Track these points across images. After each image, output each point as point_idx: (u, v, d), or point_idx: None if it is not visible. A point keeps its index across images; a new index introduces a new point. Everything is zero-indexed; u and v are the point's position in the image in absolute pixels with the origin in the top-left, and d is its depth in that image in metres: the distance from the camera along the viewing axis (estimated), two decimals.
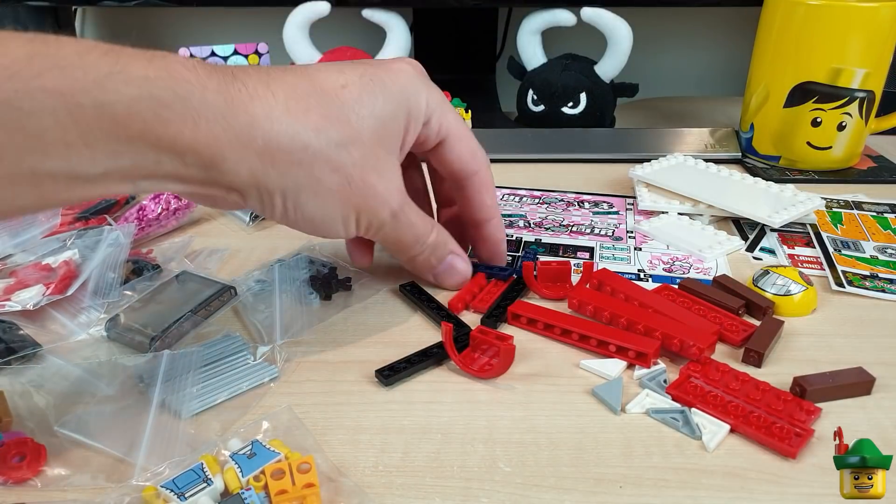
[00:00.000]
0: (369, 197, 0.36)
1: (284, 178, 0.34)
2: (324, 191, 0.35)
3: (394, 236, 0.40)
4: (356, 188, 0.36)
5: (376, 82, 0.36)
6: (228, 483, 0.30)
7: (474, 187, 0.43)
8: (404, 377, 0.37)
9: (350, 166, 0.35)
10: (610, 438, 0.33)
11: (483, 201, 0.43)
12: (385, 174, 0.37)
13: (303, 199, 0.35)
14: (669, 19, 0.92)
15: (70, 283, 0.43)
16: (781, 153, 0.65)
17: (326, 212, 0.36)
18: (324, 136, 0.34)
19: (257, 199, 0.34)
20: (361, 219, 0.37)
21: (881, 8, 0.58)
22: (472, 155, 0.42)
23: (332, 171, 0.35)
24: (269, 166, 0.33)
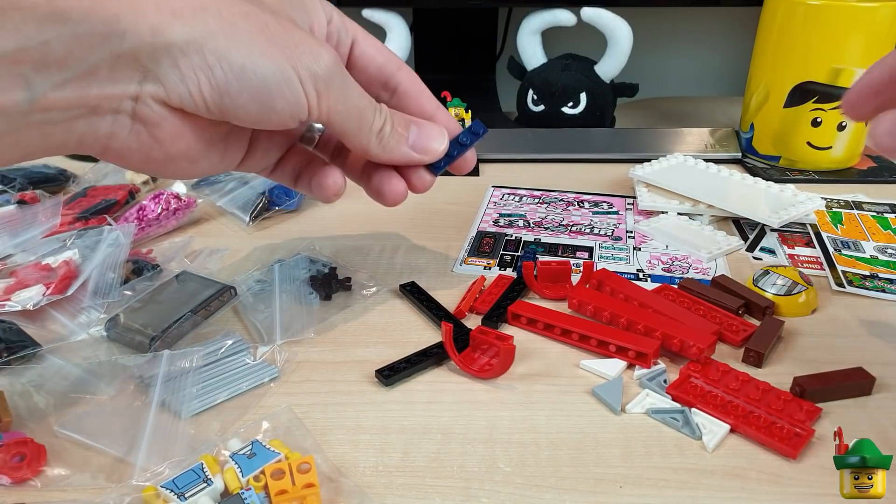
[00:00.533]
0: (298, 42, 0.32)
1: (193, 27, 0.30)
2: (242, 34, 0.31)
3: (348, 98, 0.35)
4: (277, 33, 0.32)
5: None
6: (228, 483, 0.30)
7: (408, 80, 0.40)
8: (404, 377, 0.37)
9: (259, 13, 0.32)
10: (610, 438, 0.33)
11: (422, 90, 0.41)
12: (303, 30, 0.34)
13: (222, 46, 0.30)
14: (669, 19, 0.92)
15: (70, 283, 0.43)
16: (781, 153, 0.65)
17: (257, 62, 0.31)
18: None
19: (172, 66, 0.30)
20: (302, 71, 0.32)
21: (881, 8, 0.58)
22: (390, 51, 0.40)
23: (244, 16, 0.31)
24: (171, 17, 0.29)
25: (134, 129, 0.31)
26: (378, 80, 0.40)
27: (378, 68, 0.40)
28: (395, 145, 0.38)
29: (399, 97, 0.40)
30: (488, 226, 0.55)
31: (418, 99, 0.40)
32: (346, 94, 0.34)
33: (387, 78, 0.40)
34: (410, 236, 0.52)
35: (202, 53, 0.30)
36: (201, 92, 0.31)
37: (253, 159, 0.39)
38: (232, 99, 0.31)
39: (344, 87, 0.34)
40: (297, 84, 0.32)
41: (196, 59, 0.30)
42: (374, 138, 0.37)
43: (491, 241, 0.52)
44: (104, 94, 0.29)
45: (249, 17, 0.31)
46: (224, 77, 0.30)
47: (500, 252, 0.50)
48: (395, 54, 0.40)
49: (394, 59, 0.40)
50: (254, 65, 0.31)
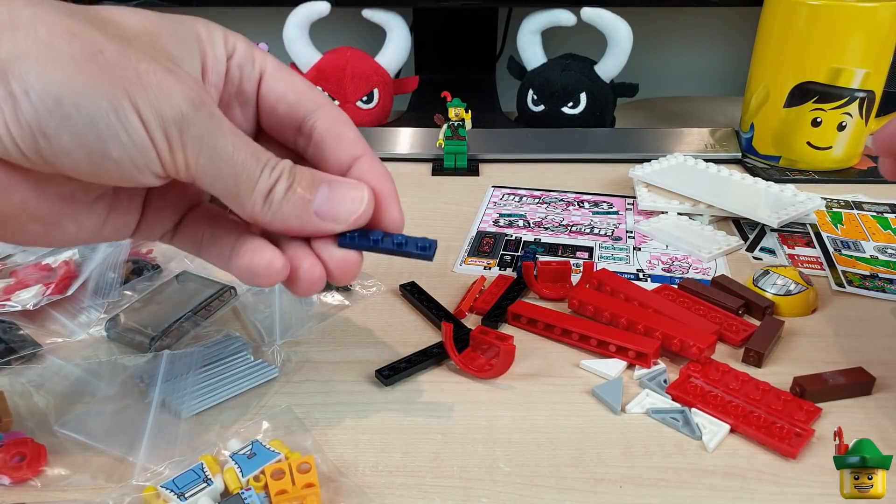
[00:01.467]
0: (143, 72, 0.25)
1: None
2: (61, 58, 0.24)
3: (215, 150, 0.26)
4: (114, 60, 0.24)
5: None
6: (228, 483, 0.30)
7: (325, 121, 0.31)
8: (404, 377, 0.37)
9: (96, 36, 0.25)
10: (610, 438, 0.33)
11: (343, 133, 0.32)
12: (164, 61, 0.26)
13: (31, 69, 0.23)
14: (669, 19, 0.91)
15: (70, 283, 0.43)
16: (781, 153, 0.65)
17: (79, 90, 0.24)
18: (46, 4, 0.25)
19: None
20: (142, 106, 0.24)
21: (881, 8, 0.58)
22: (307, 88, 0.32)
23: (70, 36, 0.24)
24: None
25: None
26: (291, 123, 0.32)
27: (289, 108, 0.31)
28: (293, 211, 0.29)
29: (315, 143, 0.32)
30: (488, 226, 0.55)
31: (336, 145, 0.31)
32: (211, 145, 0.26)
33: (301, 120, 0.31)
34: None
35: (6, 81, 0.23)
36: (8, 131, 0.24)
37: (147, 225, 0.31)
38: (50, 142, 0.24)
39: (209, 136, 0.26)
40: (136, 126, 0.25)
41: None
42: (259, 201, 0.28)
43: (491, 241, 0.52)
44: None
45: (77, 38, 0.24)
46: (34, 111, 0.24)
47: (500, 252, 0.50)
48: (316, 90, 0.32)
49: (311, 95, 0.32)
50: (74, 97, 0.24)
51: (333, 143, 0.31)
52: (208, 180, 0.27)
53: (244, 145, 0.27)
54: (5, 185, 0.25)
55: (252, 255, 0.29)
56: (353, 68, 0.70)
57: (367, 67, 0.70)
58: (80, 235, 0.29)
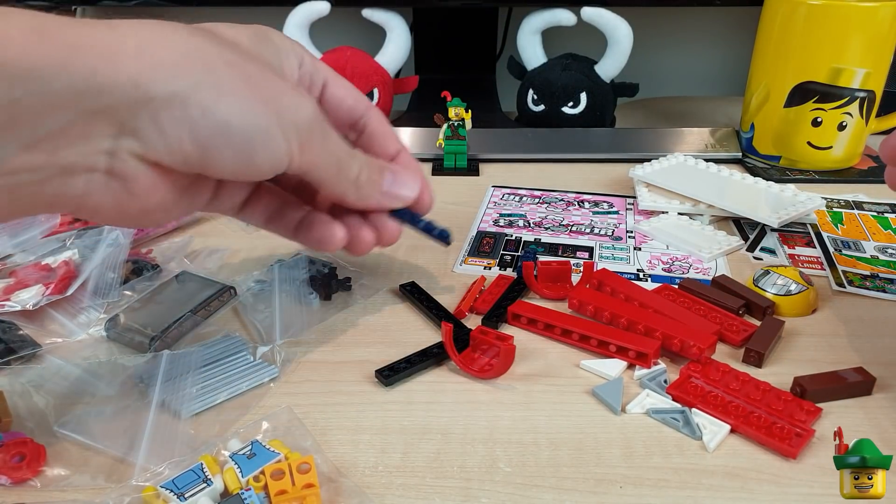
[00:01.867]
0: (279, 92, 0.31)
1: (177, 79, 0.28)
2: (226, 85, 0.29)
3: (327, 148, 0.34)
4: (260, 83, 0.31)
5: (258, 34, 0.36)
6: (228, 483, 0.30)
7: (375, 119, 0.40)
8: (404, 377, 0.37)
9: (242, 62, 0.30)
10: (610, 438, 0.33)
11: (388, 131, 0.41)
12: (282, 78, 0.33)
13: (206, 99, 0.28)
14: (669, 19, 0.91)
15: (70, 283, 0.43)
16: (782, 153, 0.65)
17: (244, 113, 0.29)
18: (200, 36, 0.30)
19: (151, 121, 0.28)
20: (285, 122, 0.31)
21: (881, 8, 0.58)
22: (358, 92, 0.40)
23: (227, 65, 0.30)
24: (153, 69, 0.27)
25: (109, 185, 0.29)
26: (347, 120, 0.40)
27: (348, 109, 0.39)
28: (370, 192, 0.37)
29: (366, 137, 0.40)
30: (488, 226, 0.55)
31: (384, 140, 0.41)
32: (325, 145, 0.34)
33: (356, 119, 0.40)
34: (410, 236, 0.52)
35: (186, 107, 0.28)
36: (182, 147, 0.29)
37: (219, 199, 0.37)
38: (214, 154, 0.30)
39: (324, 138, 0.34)
40: (280, 139, 0.31)
41: (179, 113, 0.28)
42: (351, 187, 0.36)
43: (491, 241, 0.52)
44: (77, 153, 0.28)
45: (233, 66, 0.30)
46: (208, 132, 0.29)
47: (500, 252, 0.50)
48: (363, 95, 0.40)
49: (363, 99, 0.40)
50: (240, 120, 0.29)
51: (382, 139, 0.40)
52: (318, 172, 0.34)
53: (341, 142, 0.35)
54: (157, 185, 0.30)
55: (323, 229, 0.38)
56: (353, 68, 0.70)
57: (367, 67, 0.70)
58: (178, 214, 0.34)
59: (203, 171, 0.31)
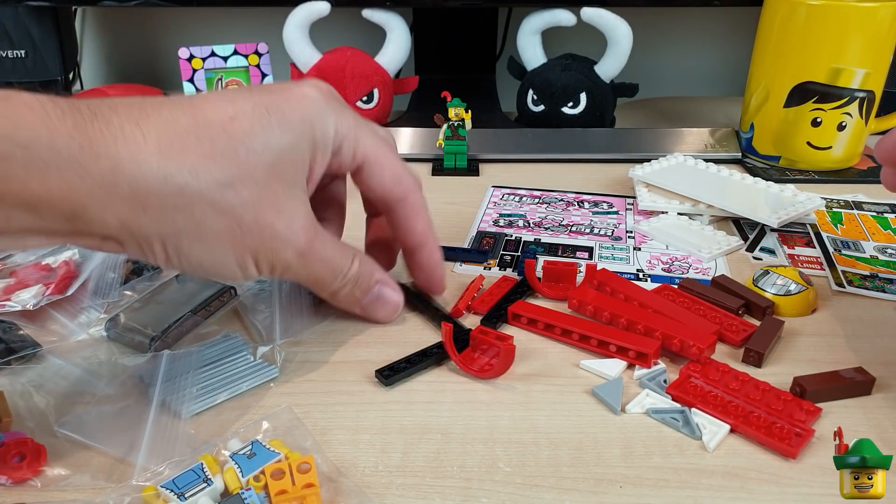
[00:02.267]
0: (266, 238, 0.33)
1: (160, 225, 0.30)
2: (209, 235, 0.32)
3: (306, 275, 0.36)
4: (249, 230, 0.32)
5: (273, 111, 0.33)
6: (228, 483, 0.30)
7: (403, 214, 0.40)
8: (404, 377, 0.37)
9: (239, 207, 0.32)
10: (610, 438, 0.33)
11: (413, 227, 0.40)
12: (286, 211, 0.34)
13: (185, 244, 0.31)
14: (669, 19, 0.91)
15: (70, 283, 0.43)
16: (781, 153, 0.65)
17: (216, 257, 0.32)
18: (205, 177, 0.31)
19: (135, 246, 0.31)
20: (261, 261, 0.34)
21: (881, 8, 0.58)
22: (398, 180, 0.39)
23: (218, 214, 0.31)
24: (141, 213, 0.30)
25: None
26: (378, 203, 0.40)
27: (379, 197, 0.40)
28: (346, 304, 0.40)
29: (392, 223, 0.41)
30: (488, 226, 0.55)
31: (408, 233, 0.41)
32: (305, 272, 0.36)
33: (386, 204, 0.40)
34: None
35: (164, 245, 0.31)
36: (156, 262, 0.32)
37: None
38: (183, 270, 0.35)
39: (304, 269, 0.36)
40: (251, 268, 0.34)
41: (158, 247, 0.31)
42: (326, 295, 0.39)
43: (491, 241, 0.52)
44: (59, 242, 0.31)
45: (225, 216, 0.32)
46: (180, 263, 0.32)
47: (500, 252, 0.50)
48: (403, 180, 0.39)
49: (399, 188, 0.39)
50: (212, 262, 0.33)
51: (406, 230, 0.41)
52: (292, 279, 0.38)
53: (328, 265, 0.37)
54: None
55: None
56: (353, 68, 0.70)
57: (367, 67, 0.70)
58: None
59: None
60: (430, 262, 0.42)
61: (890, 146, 0.37)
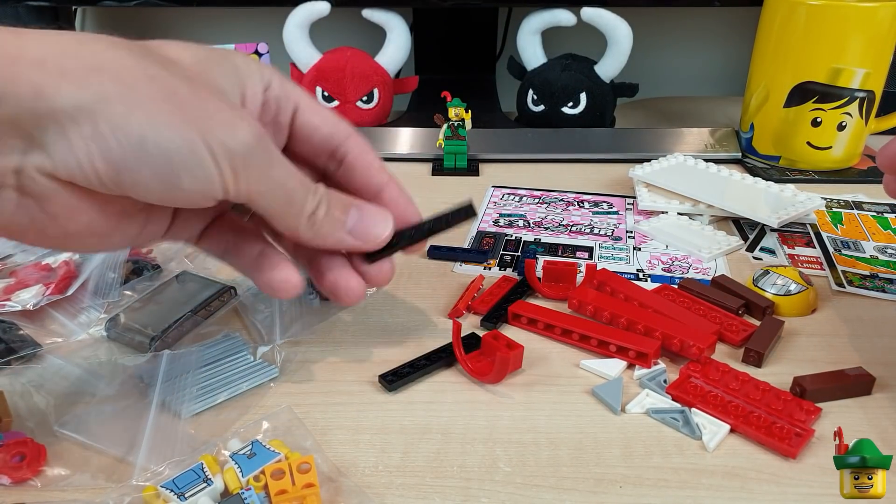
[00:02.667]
0: (213, 110, 0.28)
1: (84, 91, 0.25)
2: (143, 99, 0.26)
3: (272, 178, 0.30)
4: (188, 100, 0.28)
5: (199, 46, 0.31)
6: (228, 483, 0.30)
7: (356, 150, 0.36)
8: (407, 382, 0.37)
9: (169, 77, 0.28)
10: (610, 438, 0.33)
11: (371, 162, 0.36)
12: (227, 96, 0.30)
13: (118, 113, 0.26)
14: (669, 19, 0.91)
15: (70, 283, 0.43)
16: (781, 153, 0.65)
17: (160, 131, 0.27)
18: (123, 48, 0.27)
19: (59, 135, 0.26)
20: (214, 144, 0.28)
21: (881, 8, 0.58)
22: (337, 119, 0.36)
23: (148, 80, 0.27)
24: (59, 78, 0.25)
25: (21, 203, 0.27)
26: (324, 150, 0.36)
27: (323, 139, 0.35)
28: (330, 230, 0.33)
29: (346, 168, 0.36)
30: (488, 226, 0.55)
31: (367, 171, 0.36)
32: (269, 174, 0.30)
33: (334, 148, 0.36)
34: None
35: (94, 121, 0.26)
36: (94, 165, 0.26)
37: (176, 229, 0.34)
38: (131, 175, 0.27)
39: (267, 166, 0.30)
40: (207, 160, 0.28)
41: (87, 128, 0.26)
42: (304, 222, 0.32)
43: (491, 241, 0.52)
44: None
45: (155, 80, 0.27)
46: (120, 150, 0.26)
47: (500, 252, 0.50)
48: (344, 120, 0.36)
49: (342, 126, 0.36)
50: (156, 136, 0.27)
51: (363, 170, 0.36)
52: (262, 203, 0.31)
53: (294, 173, 0.31)
54: (77, 207, 0.28)
55: (272, 271, 0.34)
56: (353, 68, 0.70)
57: (367, 67, 0.70)
58: (124, 242, 0.32)
59: (125, 192, 0.28)
60: (402, 197, 0.37)
61: (892, 154, 0.37)
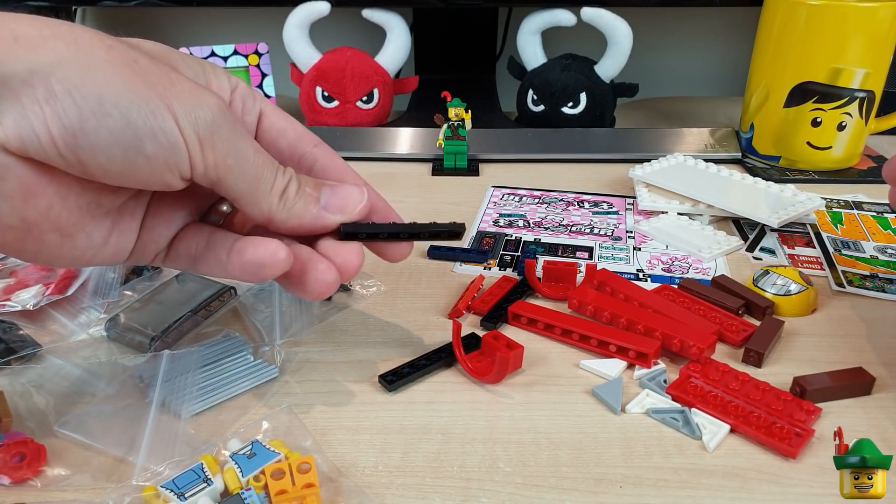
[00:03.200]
0: (175, 81, 0.27)
1: (39, 55, 0.24)
2: (101, 63, 0.25)
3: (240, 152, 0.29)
4: (149, 70, 0.27)
5: None
6: (228, 483, 0.30)
7: (325, 156, 0.35)
8: (407, 382, 0.37)
9: (129, 49, 0.27)
10: (610, 438, 0.33)
11: (341, 165, 0.35)
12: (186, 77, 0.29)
13: (74, 73, 0.25)
14: (669, 19, 0.92)
15: (70, 283, 0.43)
16: (781, 153, 0.65)
17: (120, 90, 0.25)
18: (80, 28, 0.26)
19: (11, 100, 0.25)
20: (179, 113, 0.26)
21: (881, 8, 0.58)
22: (304, 127, 0.35)
23: (106, 48, 0.26)
24: (12, 43, 0.24)
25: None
26: (291, 156, 0.35)
27: (290, 144, 0.34)
28: (304, 207, 0.31)
29: (316, 174, 0.35)
30: (488, 226, 0.55)
31: (338, 175, 0.35)
32: (237, 147, 0.29)
33: (301, 154, 0.35)
34: None
35: (48, 83, 0.24)
36: (48, 130, 0.25)
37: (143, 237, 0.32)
38: (88, 139, 0.25)
39: (234, 139, 0.28)
40: (171, 125, 0.26)
41: (41, 91, 0.24)
42: (276, 200, 0.30)
43: (491, 241, 0.52)
44: None
45: (113, 49, 0.26)
46: (77, 110, 0.25)
47: (500, 252, 0.50)
48: (309, 131, 0.35)
49: (308, 134, 0.35)
50: (116, 96, 0.25)
51: (336, 174, 0.35)
52: (231, 181, 0.29)
53: (261, 150, 0.30)
54: (34, 187, 0.26)
55: (255, 248, 0.31)
56: (353, 68, 0.70)
57: (367, 67, 0.70)
58: (86, 252, 0.30)
59: (84, 166, 0.26)
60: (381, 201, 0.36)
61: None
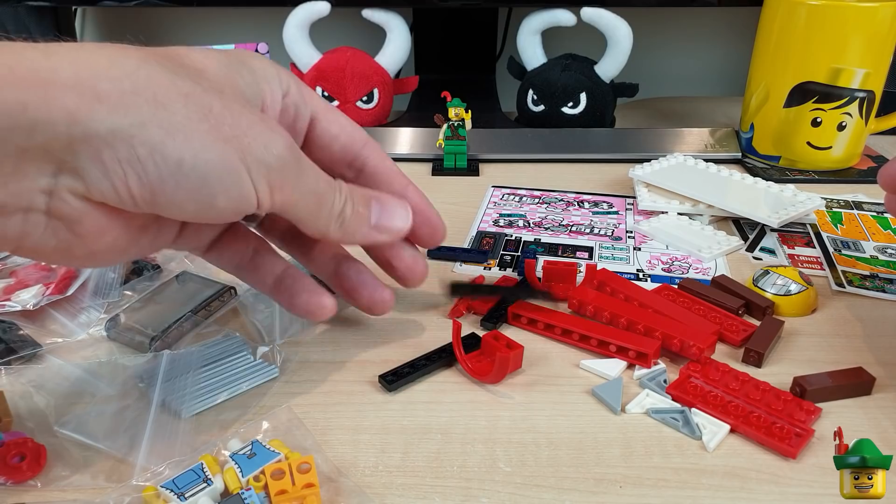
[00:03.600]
0: (246, 126, 0.28)
1: (121, 114, 0.25)
2: (181, 121, 0.26)
3: (304, 185, 0.31)
4: (222, 117, 0.27)
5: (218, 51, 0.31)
6: (228, 483, 0.30)
7: (375, 155, 0.37)
8: (407, 382, 0.37)
9: (202, 93, 0.27)
10: (610, 438, 0.33)
11: (390, 167, 0.37)
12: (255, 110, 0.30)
13: (155, 136, 0.25)
14: (669, 19, 0.92)
15: (70, 283, 0.43)
16: (781, 153, 0.65)
17: (197, 153, 0.26)
18: (155, 63, 0.27)
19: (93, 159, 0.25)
20: (251, 161, 0.28)
21: (881, 8, 0.58)
22: (353, 126, 0.36)
23: (182, 98, 0.27)
24: (94, 102, 0.25)
25: (50, 226, 0.27)
26: (342, 159, 0.36)
27: (342, 148, 0.36)
28: (357, 227, 0.34)
29: (366, 177, 0.37)
30: (488, 226, 0.55)
31: (388, 177, 0.37)
32: (302, 182, 0.30)
33: (352, 157, 0.36)
34: None
35: (131, 145, 0.25)
36: (129, 188, 0.26)
37: (183, 238, 0.34)
38: (167, 197, 0.27)
39: (300, 175, 0.30)
40: (245, 179, 0.28)
41: (123, 152, 0.25)
42: (334, 223, 0.33)
43: (491, 241, 0.52)
44: (9, 193, 0.25)
45: (190, 99, 0.27)
46: (157, 172, 0.26)
47: (500, 252, 0.50)
48: (359, 128, 0.37)
49: (359, 134, 0.36)
50: (194, 158, 0.26)
51: (386, 177, 0.37)
52: (294, 210, 0.31)
53: (321, 175, 0.32)
54: (106, 227, 0.28)
55: (309, 299, 0.36)
56: (353, 68, 0.70)
57: (367, 67, 0.70)
58: (136, 254, 0.32)
59: (157, 212, 0.28)
60: (424, 203, 0.38)
61: (893, 174, 0.37)
